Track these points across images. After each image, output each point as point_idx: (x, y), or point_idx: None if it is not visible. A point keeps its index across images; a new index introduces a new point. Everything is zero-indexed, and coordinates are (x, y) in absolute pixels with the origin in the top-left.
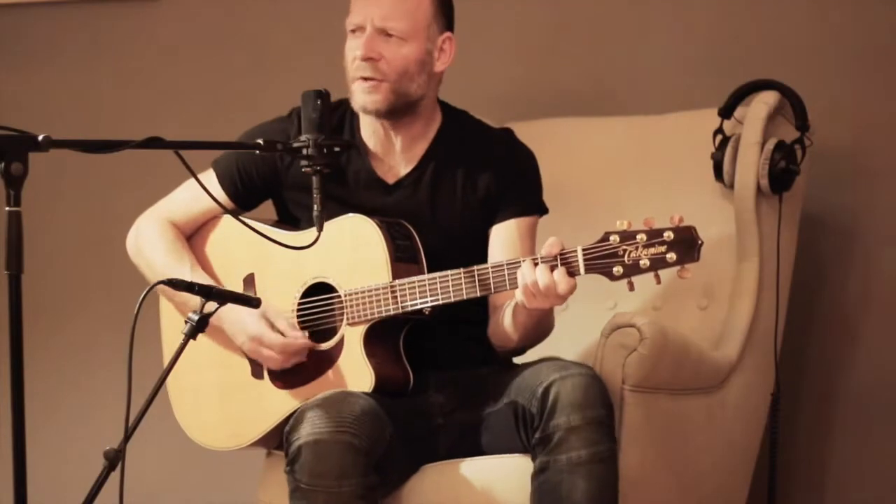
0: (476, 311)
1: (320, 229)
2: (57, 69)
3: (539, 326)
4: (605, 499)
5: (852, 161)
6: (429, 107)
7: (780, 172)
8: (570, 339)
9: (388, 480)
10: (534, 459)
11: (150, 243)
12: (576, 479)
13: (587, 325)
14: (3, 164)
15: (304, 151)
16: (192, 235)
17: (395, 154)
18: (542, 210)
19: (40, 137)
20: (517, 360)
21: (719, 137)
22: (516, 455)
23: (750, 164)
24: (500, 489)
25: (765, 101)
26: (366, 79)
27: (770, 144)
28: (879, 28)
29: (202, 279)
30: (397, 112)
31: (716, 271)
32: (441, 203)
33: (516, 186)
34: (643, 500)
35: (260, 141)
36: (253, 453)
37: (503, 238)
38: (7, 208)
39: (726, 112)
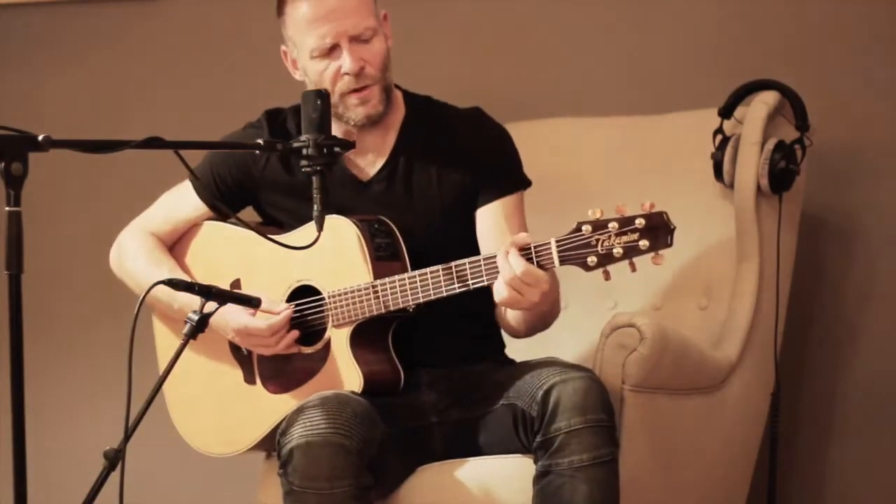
0: (465, 305)
1: (320, 229)
2: (57, 69)
3: (542, 314)
4: (607, 503)
5: (852, 161)
6: (394, 92)
7: (780, 172)
8: (571, 339)
9: (384, 481)
10: (535, 462)
11: (131, 255)
12: (577, 483)
13: (587, 325)
14: (3, 164)
15: (305, 151)
16: (174, 244)
17: (367, 151)
18: (524, 184)
19: (40, 137)
20: (514, 356)
21: (719, 137)
22: (517, 455)
23: (750, 164)
24: (500, 490)
25: (765, 101)
26: (356, 90)
27: (770, 144)
28: (879, 28)
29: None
30: (387, 108)
31: (716, 271)
32: (418, 195)
33: (493, 166)
34: (643, 499)
35: (260, 141)
36: (253, 455)
37: (491, 221)
38: (7, 208)
39: (726, 112)
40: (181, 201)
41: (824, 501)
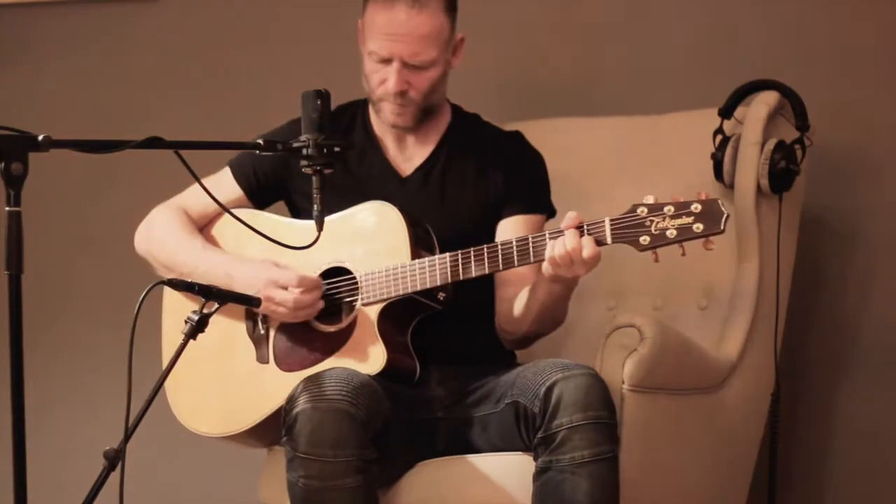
0: (487, 305)
1: (320, 229)
2: (57, 69)
3: (555, 308)
4: (607, 499)
5: (852, 161)
6: (441, 103)
7: (780, 172)
8: (571, 339)
9: (387, 466)
10: (536, 459)
11: (163, 226)
12: (578, 479)
13: (587, 325)
14: (3, 164)
15: (304, 151)
16: (204, 228)
17: (408, 149)
18: (550, 210)
19: (40, 137)
20: (519, 357)
21: (719, 137)
22: (518, 453)
23: (750, 164)
24: (501, 487)
25: (765, 101)
26: (396, 104)
27: (770, 144)
28: (879, 28)
29: (214, 257)
30: (422, 122)
31: (716, 271)
32: (451, 196)
33: (525, 184)
34: (643, 500)
35: (259, 141)
36: (254, 451)
37: (510, 233)
38: (7, 208)
39: (726, 112)
40: (217, 187)
41: (824, 501)
